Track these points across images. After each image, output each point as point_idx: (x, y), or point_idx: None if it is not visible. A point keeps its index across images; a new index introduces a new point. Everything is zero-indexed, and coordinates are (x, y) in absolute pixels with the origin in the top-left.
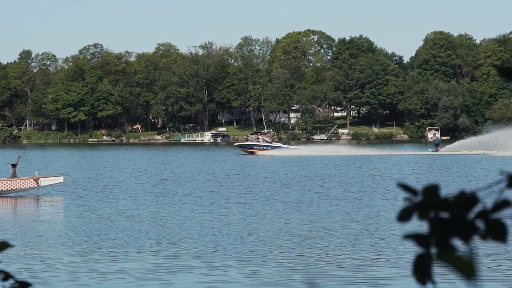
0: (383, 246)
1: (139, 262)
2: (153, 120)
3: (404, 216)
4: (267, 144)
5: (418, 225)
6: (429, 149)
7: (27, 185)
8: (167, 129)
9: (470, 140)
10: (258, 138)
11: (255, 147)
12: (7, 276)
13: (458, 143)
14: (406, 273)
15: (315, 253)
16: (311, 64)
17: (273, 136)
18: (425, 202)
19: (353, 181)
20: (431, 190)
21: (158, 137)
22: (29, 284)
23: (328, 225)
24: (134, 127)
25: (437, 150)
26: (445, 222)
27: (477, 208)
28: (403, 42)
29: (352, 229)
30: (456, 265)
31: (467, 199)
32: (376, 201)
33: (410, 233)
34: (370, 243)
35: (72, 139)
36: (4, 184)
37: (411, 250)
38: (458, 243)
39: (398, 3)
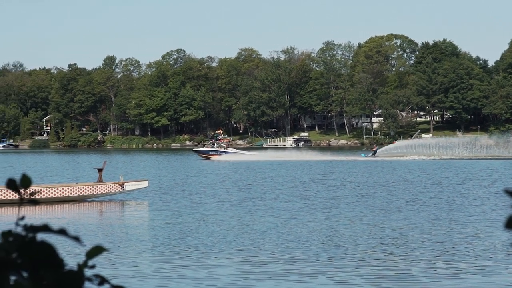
0: (477, 254)
1: (228, 268)
2: (235, 125)
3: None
4: (221, 150)
5: None
6: (362, 154)
7: (113, 189)
8: (249, 134)
9: None
10: (213, 144)
11: (210, 152)
12: (102, 280)
13: None
14: (502, 283)
15: (405, 260)
16: (393, 69)
17: (229, 142)
18: None
19: (440, 186)
20: None
21: (240, 142)
22: None
23: (417, 232)
24: (216, 132)
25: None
26: None
27: None
28: (488, 46)
29: (444, 236)
30: None
31: None
32: (468, 208)
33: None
34: (464, 250)
35: (155, 144)
36: (90, 189)
37: (507, 259)
38: None
39: (482, 6)
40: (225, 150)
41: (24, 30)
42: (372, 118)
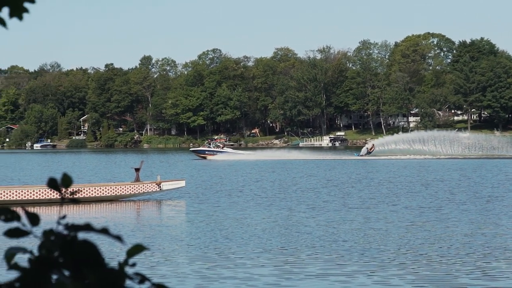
0: None
1: (266, 268)
2: (271, 125)
3: None
4: (217, 149)
5: None
6: (355, 153)
7: (150, 189)
8: (285, 133)
9: None
10: (209, 144)
11: (206, 152)
12: (143, 279)
13: None
14: None
15: (445, 260)
16: (430, 67)
17: (225, 142)
18: None
19: (481, 186)
20: None
21: (276, 141)
22: (165, 287)
23: (457, 232)
24: (253, 131)
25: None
26: None
27: None
28: None
29: (484, 236)
30: None
31: None
32: (510, 208)
33: None
34: (505, 251)
35: (191, 144)
36: (128, 188)
37: None
38: None
39: None
40: (221, 150)
41: (61, 31)
42: (409, 117)
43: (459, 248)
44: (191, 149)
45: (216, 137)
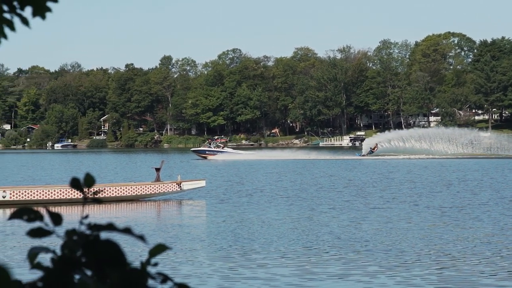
0: None
1: (287, 268)
2: (291, 124)
3: None
4: (218, 149)
5: None
6: (357, 153)
7: (170, 189)
8: (305, 133)
9: None
10: (210, 144)
11: (206, 152)
12: (165, 278)
13: None
14: None
15: (467, 261)
16: (451, 67)
17: (226, 142)
18: None
19: (503, 186)
20: None
21: (296, 141)
22: (188, 287)
23: (479, 232)
24: (273, 131)
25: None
26: None
27: None
28: None
29: (506, 237)
30: None
31: None
32: None
33: None
34: None
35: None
36: (148, 188)
37: None
38: None
39: None
40: (222, 150)
41: (82, 31)
42: (429, 117)
43: (483, 248)
44: (192, 149)
45: (216, 137)
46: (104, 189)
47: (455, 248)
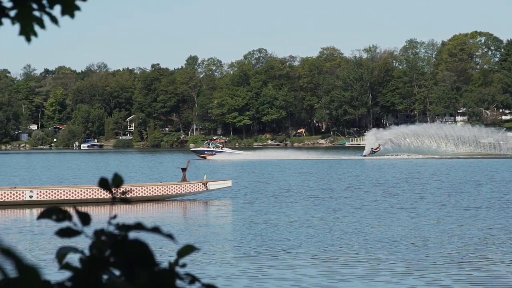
0: None
1: (314, 268)
2: (317, 124)
3: None
4: (217, 150)
5: None
6: (358, 154)
7: (197, 189)
8: (331, 133)
9: None
10: (209, 144)
11: (206, 152)
12: (193, 279)
13: None
14: None
15: (496, 261)
16: (478, 66)
17: (225, 142)
18: None
19: None
20: None
21: (322, 141)
22: None
23: (506, 232)
24: (298, 131)
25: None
26: None
27: None
28: None
29: None
30: None
31: None
32: None
33: None
34: None
35: (237, 144)
36: (175, 188)
37: None
38: None
39: None
40: (221, 150)
41: (108, 31)
42: (456, 117)
43: (509, 247)
44: (191, 149)
45: (215, 137)
46: (131, 189)
47: (485, 248)
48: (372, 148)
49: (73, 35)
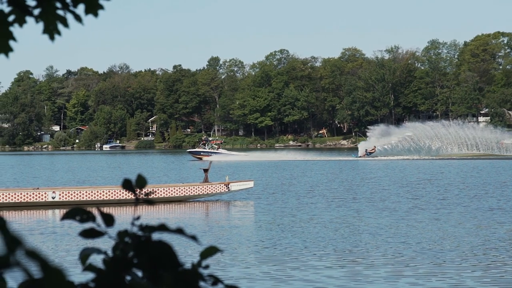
0: None
1: (337, 270)
2: (338, 125)
3: None
4: (212, 151)
5: None
6: (353, 155)
7: (218, 189)
8: (353, 133)
9: None
10: (204, 146)
11: (201, 153)
12: (216, 280)
13: None
14: None
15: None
16: (500, 67)
17: (220, 143)
18: None
19: None
20: None
21: (344, 142)
22: None
23: None
24: (320, 132)
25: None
26: None
27: None
28: None
29: None
30: None
31: None
32: None
33: None
34: None
35: (259, 144)
36: (197, 189)
37: None
38: None
39: None
40: (216, 151)
41: (130, 32)
42: (479, 117)
43: None
44: (187, 150)
45: (211, 139)
46: (154, 190)
47: (509, 250)
48: (366, 150)
49: (96, 36)
